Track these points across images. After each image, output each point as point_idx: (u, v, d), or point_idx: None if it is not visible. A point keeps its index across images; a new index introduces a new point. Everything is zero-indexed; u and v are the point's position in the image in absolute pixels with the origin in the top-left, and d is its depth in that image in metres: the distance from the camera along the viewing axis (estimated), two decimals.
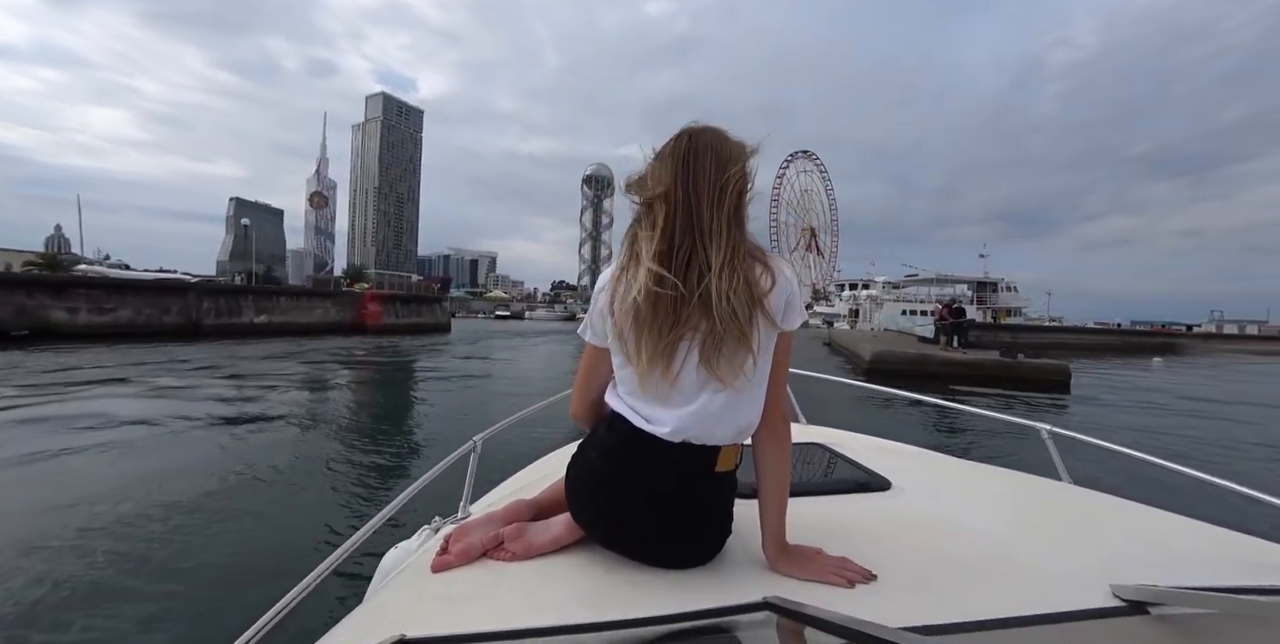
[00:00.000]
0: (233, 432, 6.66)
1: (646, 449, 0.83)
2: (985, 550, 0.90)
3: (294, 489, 4.62)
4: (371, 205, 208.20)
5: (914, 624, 0.63)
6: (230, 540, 3.51)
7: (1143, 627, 0.65)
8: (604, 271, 0.91)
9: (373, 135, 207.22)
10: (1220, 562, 0.89)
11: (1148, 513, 1.13)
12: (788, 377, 0.93)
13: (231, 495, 4.35)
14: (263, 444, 6.12)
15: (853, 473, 1.31)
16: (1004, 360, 14.69)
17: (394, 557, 1.15)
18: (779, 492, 0.86)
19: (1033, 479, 1.39)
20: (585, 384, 0.96)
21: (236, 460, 5.29)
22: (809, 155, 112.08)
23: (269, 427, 7.06)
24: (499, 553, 0.89)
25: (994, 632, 0.63)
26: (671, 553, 0.84)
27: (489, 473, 1.45)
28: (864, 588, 0.77)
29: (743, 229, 0.82)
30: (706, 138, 0.82)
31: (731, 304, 0.76)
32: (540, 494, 1.04)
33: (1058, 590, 0.73)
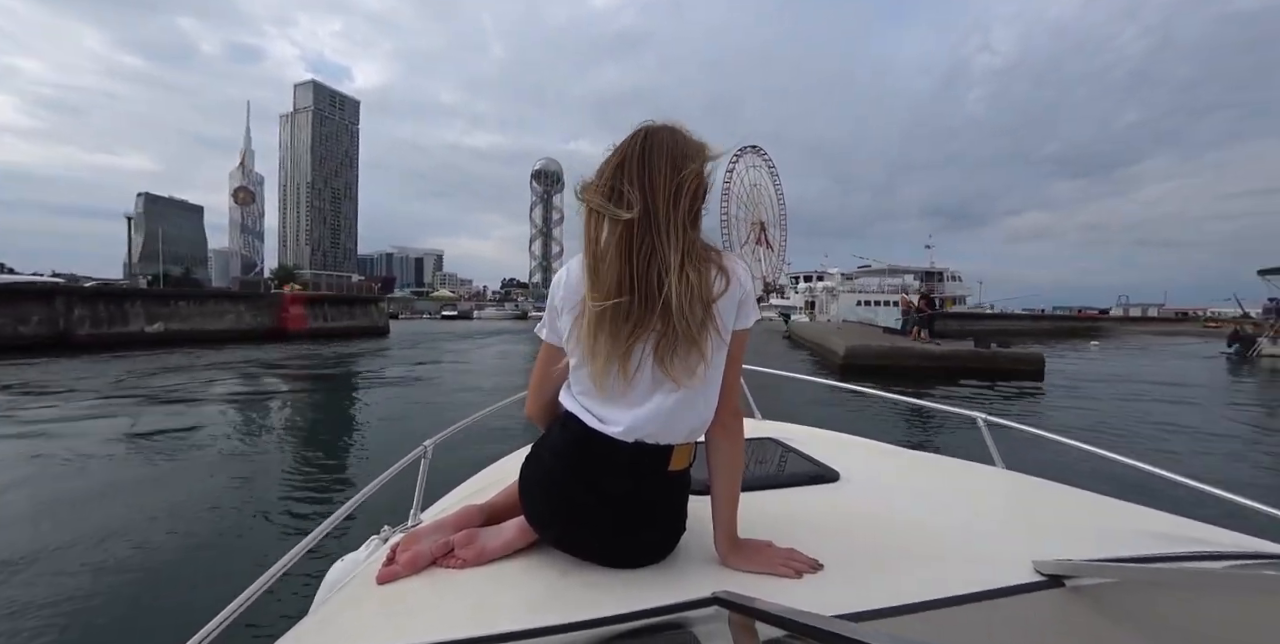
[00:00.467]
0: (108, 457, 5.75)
1: (599, 449, 0.83)
2: (923, 536, 0.95)
3: (220, 513, 4.21)
4: (304, 201, 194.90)
5: (854, 610, 0.67)
6: (153, 570, 3.29)
7: (1059, 598, 0.70)
8: (560, 269, 0.90)
9: (303, 126, 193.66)
10: (1127, 534, 0.96)
11: (1068, 492, 1.23)
12: (741, 373, 0.92)
13: (145, 523, 3.95)
14: (175, 468, 5.51)
15: (804, 466, 1.34)
16: (980, 351, 13.96)
17: (340, 569, 1.11)
18: (731, 487, 0.87)
19: (969, 465, 1.48)
20: (541, 383, 0.94)
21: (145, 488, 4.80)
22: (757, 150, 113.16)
23: (179, 449, 6.23)
24: (449, 560, 0.87)
25: (925, 613, 0.66)
26: (626, 552, 0.84)
27: (441, 479, 1.42)
28: (811, 578, 0.79)
29: (697, 230, 0.81)
30: (663, 136, 0.81)
31: (686, 305, 0.76)
32: (493, 498, 1.02)
33: (986, 570, 0.77)
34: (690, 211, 0.80)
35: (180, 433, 6.94)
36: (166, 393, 10.37)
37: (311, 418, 9.11)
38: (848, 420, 6.36)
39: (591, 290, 0.79)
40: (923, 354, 13.92)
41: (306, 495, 4.71)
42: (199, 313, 23.58)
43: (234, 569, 3.18)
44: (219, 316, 24.28)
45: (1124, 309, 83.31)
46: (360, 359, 18.40)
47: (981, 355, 13.77)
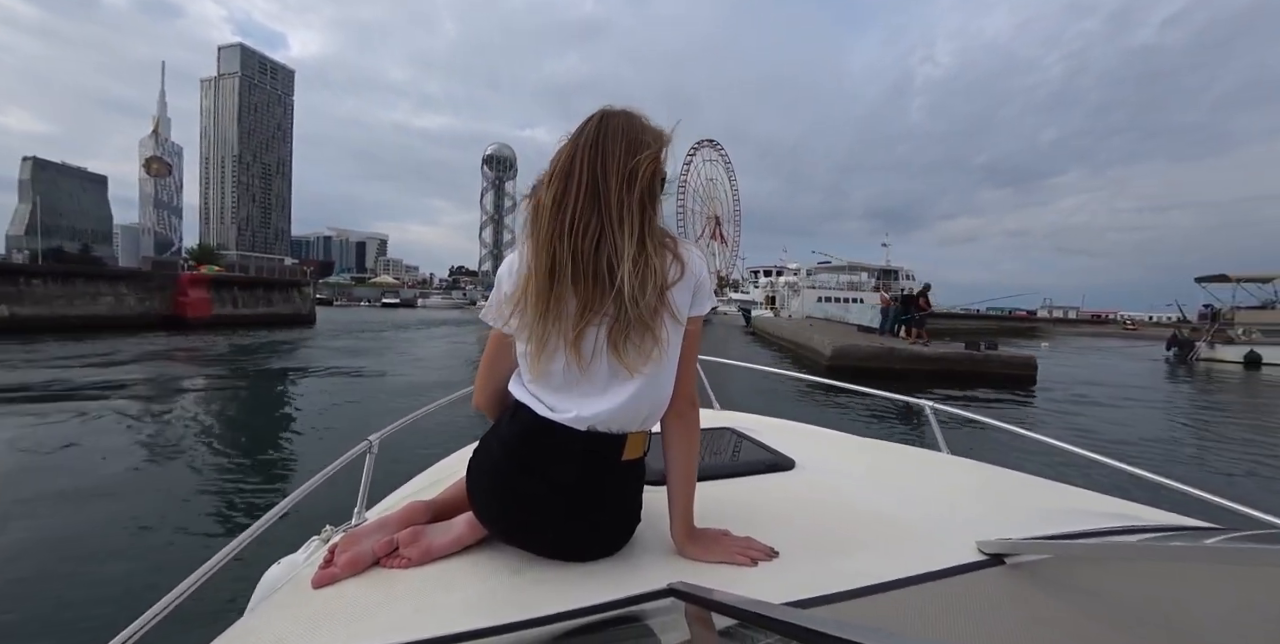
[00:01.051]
0: None
1: (551, 439, 0.80)
2: (875, 520, 0.97)
3: (138, 518, 3.81)
4: (230, 176, 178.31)
5: (809, 596, 0.68)
6: (66, 581, 2.99)
7: (999, 576, 0.73)
8: (509, 255, 0.87)
9: (228, 94, 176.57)
10: (1062, 513, 1.01)
11: (1009, 475, 1.28)
12: (697, 362, 0.91)
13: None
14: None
15: (760, 455, 1.34)
16: (971, 353, 12.90)
17: (276, 573, 1.02)
18: (686, 477, 0.85)
19: (918, 452, 1.53)
20: (489, 373, 0.91)
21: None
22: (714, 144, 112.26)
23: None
24: (393, 560, 0.82)
25: (876, 596, 0.68)
26: (579, 546, 0.82)
27: (389, 476, 1.35)
28: (767, 565, 0.79)
29: (654, 215, 0.80)
30: (620, 120, 0.79)
31: (640, 292, 0.75)
32: (440, 494, 0.97)
33: (933, 551, 0.79)
34: (645, 196, 0.77)
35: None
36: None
37: (232, 419, 7.69)
38: (805, 410, 6.14)
39: (541, 275, 0.76)
40: (913, 356, 12.67)
41: (244, 499, 4.27)
42: (62, 295, 19.07)
43: (156, 580, 2.67)
44: (92, 299, 19.82)
45: (1048, 311, 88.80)
46: (270, 355, 15.11)
47: (973, 358, 12.67)
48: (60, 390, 8.63)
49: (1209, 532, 0.83)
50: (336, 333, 22.65)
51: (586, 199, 0.76)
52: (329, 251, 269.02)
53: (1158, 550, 0.68)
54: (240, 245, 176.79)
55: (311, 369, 12.43)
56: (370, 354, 15.83)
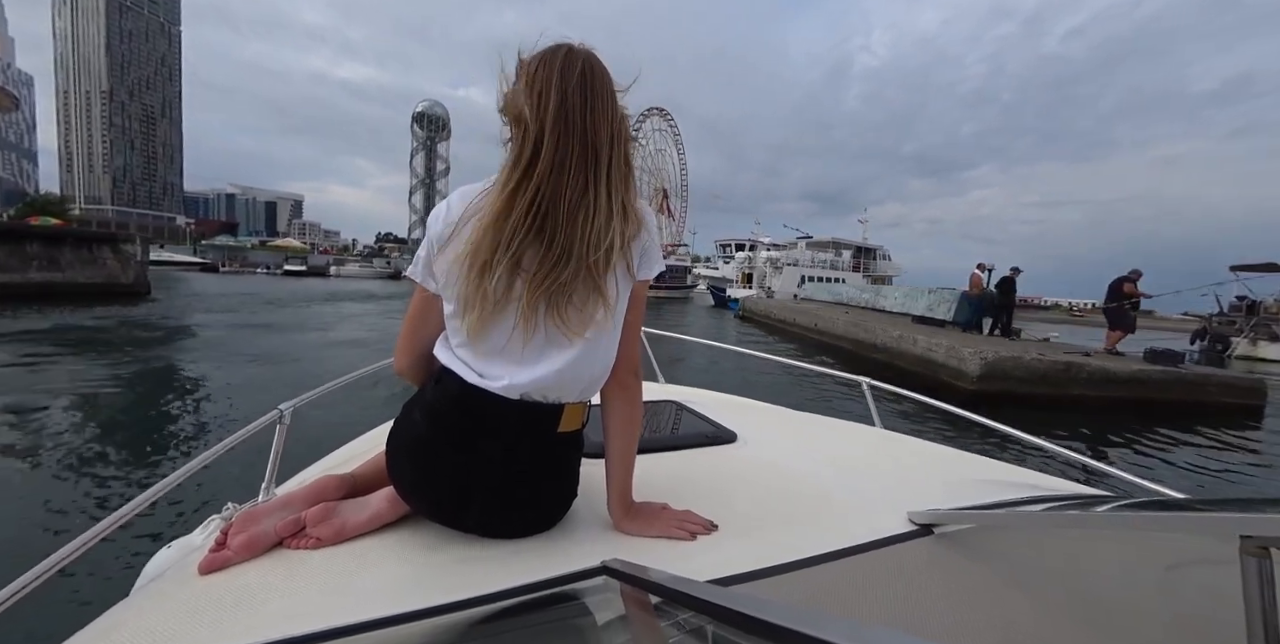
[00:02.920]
0: None
1: (480, 409, 0.72)
2: (811, 493, 0.96)
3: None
4: (99, 116, 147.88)
5: (746, 570, 0.67)
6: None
7: (929, 545, 0.74)
8: (440, 202, 0.77)
9: (93, 14, 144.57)
10: (985, 484, 1.05)
11: (938, 450, 1.31)
12: (641, 331, 0.85)
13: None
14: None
15: (702, 427, 1.32)
16: (1179, 372, 8.18)
17: (167, 556, 0.89)
18: (626, 450, 0.81)
19: (852, 426, 1.53)
20: (412, 335, 0.82)
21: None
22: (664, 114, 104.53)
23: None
24: (299, 541, 0.73)
25: (812, 568, 0.68)
26: (510, 523, 0.76)
27: (304, 451, 1.25)
28: (705, 539, 0.77)
29: (628, 172, 0.73)
30: (599, 65, 0.71)
31: (594, 249, 0.69)
32: (358, 468, 0.88)
33: (867, 523, 0.80)
34: (627, 147, 0.73)
35: None
36: None
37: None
38: (746, 386, 5.29)
39: (490, 225, 0.68)
40: (1102, 375, 7.77)
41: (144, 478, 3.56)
42: None
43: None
44: None
45: None
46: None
47: (1184, 380, 7.95)
48: None
49: (1105, 500, 0.86)
50: (181, 315, 14.44)
51: (575, 151, 0.68)
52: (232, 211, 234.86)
53: (1061, 518, 0.71)
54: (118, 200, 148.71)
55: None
56: (202, 352, 8.58)
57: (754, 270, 33.41)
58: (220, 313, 14.99)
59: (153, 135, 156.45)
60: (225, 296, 21.64)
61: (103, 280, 17.50)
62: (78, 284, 16.66)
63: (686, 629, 0.44)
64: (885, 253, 40.83)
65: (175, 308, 15.77)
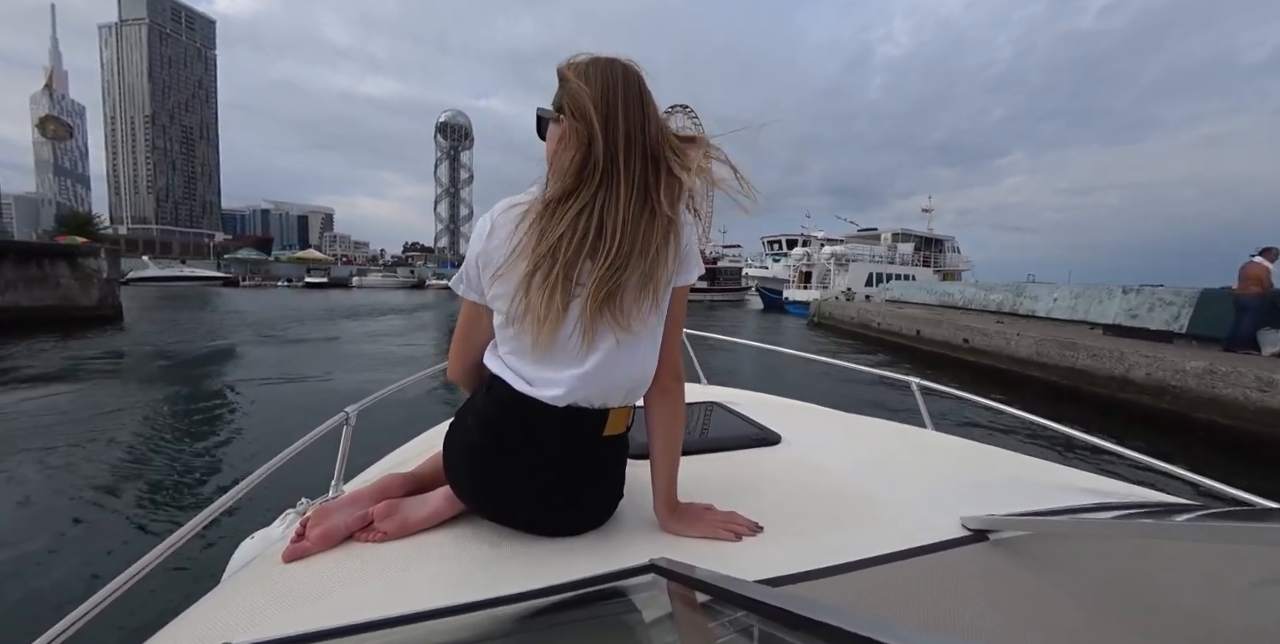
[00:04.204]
0: None
1: (529, 415, 0.74)
2: (858, 495, 0.93)
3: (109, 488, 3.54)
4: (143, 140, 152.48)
5: (792, 572, 0.66)
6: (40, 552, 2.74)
7: (984, 551, 0.71)
8: (483, 217, 0.77)
9: (135, 44, 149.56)
10: (1045, 489, 0.99)
11: (993, 452, 1.24)
12: (682, 334, 0.87)
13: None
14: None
15: (746, 429, 1.30)
16: None
17: (250, 546, 0.97)
18: (670, 452, 0.81)
19: (902, 428, 1.47)
20: (463, 344, 0.84)
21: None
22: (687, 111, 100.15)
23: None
24: (367, 534, 0.78)
25: (860, 571, 0.66)
26: (559, 521, 0.78)
27: (368, 450, 1.32)
28: (750, 541, 0.76)
29: (675, 179, 0.73)
30: (641, 78, 0.73)
31: (643, 256, 0.69)
32: (418, 467, 0.92)
33: (918, 527, 0.77)
34: (672, 154, 0.73)
35: None
36: None
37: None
38: (787, 385, 5.11)
39: (541, 239, 0.68)
40: None
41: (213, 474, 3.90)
42: None
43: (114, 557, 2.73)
44: None
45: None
46: None
47: None
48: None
49: (1183, 508, 0.81)
50: (135, 349, 11.12)
51: (636, 162, 0.69)
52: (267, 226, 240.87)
53: (1133, 527, 0.67)
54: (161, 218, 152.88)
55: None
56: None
57: (813, 268, 28.91)
58: (190, 348, 11.56)
59: (192, 156, 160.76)
60: (221, 318, 18.52)
61: (54, 303, 14.31)
62: (19, 309, 13.49)
63: (734, 628, 0.44)
64: (955, 244, 35.59)
65: (133, 341, 12.48)
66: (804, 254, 29.63)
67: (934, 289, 17.77)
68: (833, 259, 27.57)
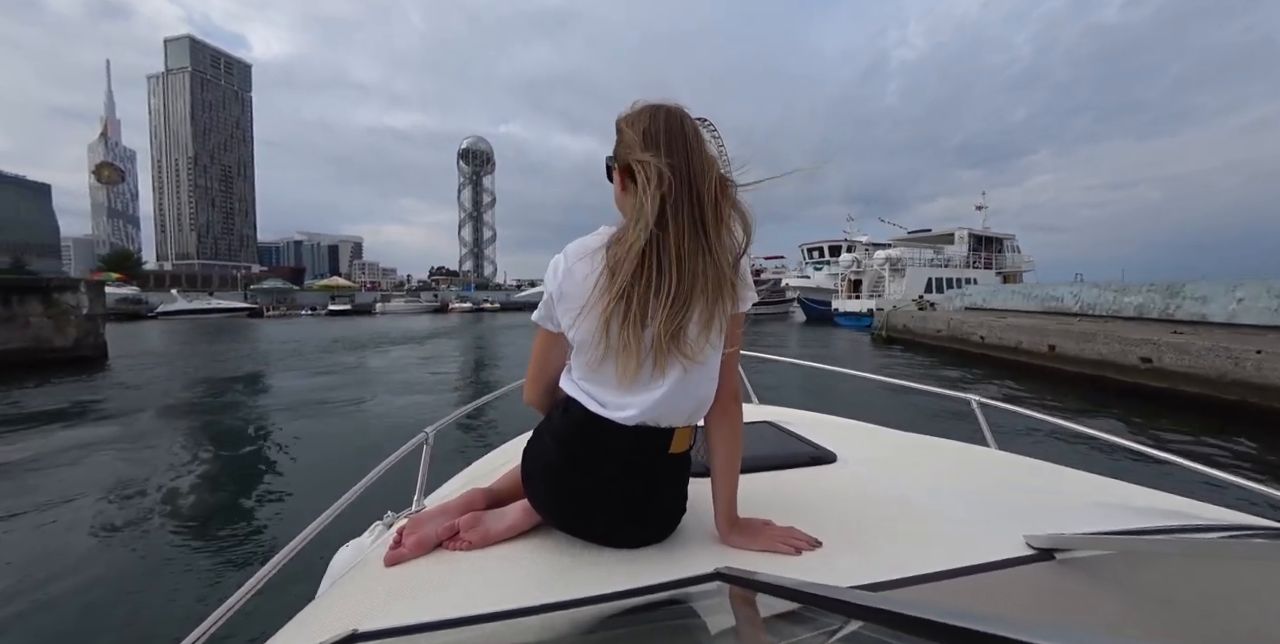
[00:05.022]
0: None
1: (602, 435, 0.80)
2: (917, 513, 0.94)
3: (228, 498, 4.10)
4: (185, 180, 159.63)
5: (853, 585, 0.67)
6: (171, 550, 3.22)
7: (1050, 571, 0.70)
8: (558, 255, 0.83)
9: (179, 91, 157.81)
10: (1116, 510, 0.96)
11: (1058, 471, 1.22)
12: (739, 357, 0.90)
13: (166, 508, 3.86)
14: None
15: (801, 448, 1.31)
16: None
17: (345, 554, 1.09)
18: (731, 468, 0.85)
19: (962, 446, 1.44)
20: (539, 371, 0.90)
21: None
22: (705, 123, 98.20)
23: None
24: (455, 543, 0.85)
25: (920, 586, 0.66)
26: (628, 534, 0.83)
27: (443, 465, 1.37)
28: (810, 555, 0.78)
29: (726, 213, 0.79)
30: (689, 120, 0.79)
31: (706, 289, 0.75)
32: (496, 482, 1.00)
33: (980, 545, 0.77)
34: (725, 189, 0.77)
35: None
36: None
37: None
38: (843, 406, 4.34)
39: (612, 277, 0.75)
40: None
41: (307, 489, 4.23)
42: None
43: (240, 556, 3.10)
44: None
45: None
46: None
47: None
48: None
49: (1272, 532, 0.76)
50: (94, 405, 9.29)
51: (685, 201, 0.74)
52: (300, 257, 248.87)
53: (1223, 549, 0.63)
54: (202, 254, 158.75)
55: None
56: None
57: (863, 275, 26.08)
58: (182, 395, 9.43)
59: (230, 193, 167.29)
60: (223, 354, 16.86)
61: (23, 345, 12.68)
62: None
63: (813, 630, 0.45)
64: (1015, 243, 32.12)
65: (108, 387, 10.64)
66: (852, 260, 26.67)
67: (1031, 293, 14.76)
68: (887, 264, 24.62)
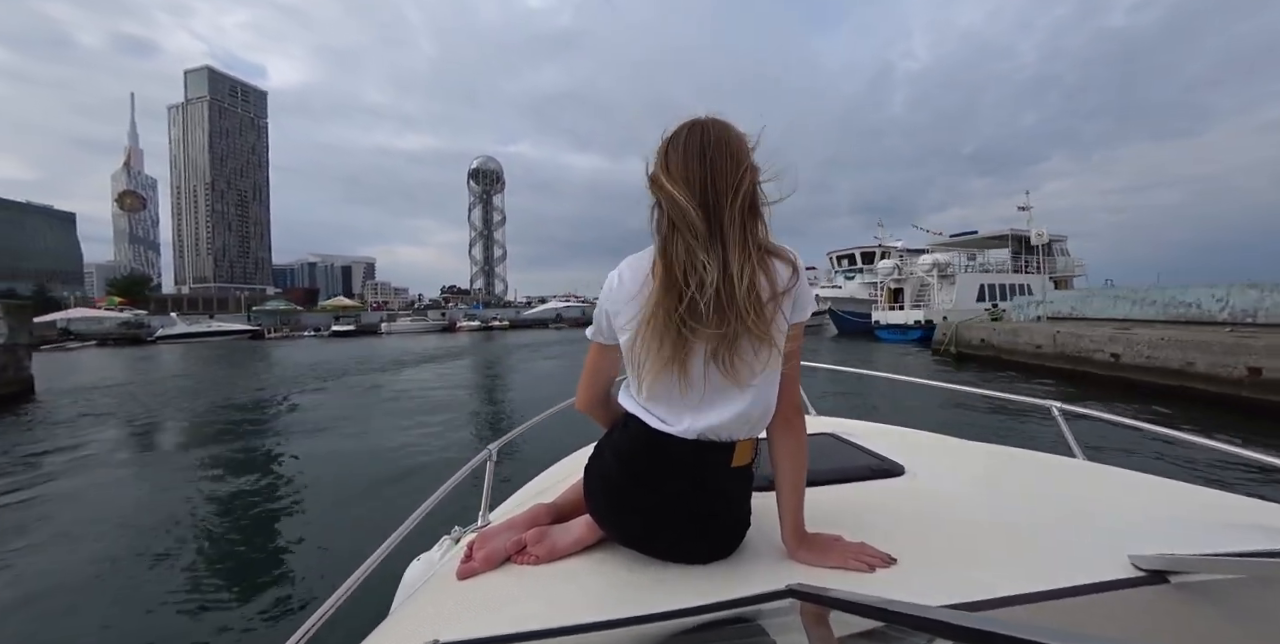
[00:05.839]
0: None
1: (663, 449, 0.80)
2: (1001, 530, 0.87)
3: (300, 519, 4.19)
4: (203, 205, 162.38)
5: (937, 604, 0.60)
6: (247, 572, 3.34)
7: (1164, 595, 0.62)
8: (612, 272, 0.85)
9: (198, 120, 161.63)
10: (1236, 527, 0.85)
11: (1161, 483, 1.10)
12: (799, 368, 0.88)
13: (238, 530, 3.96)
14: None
15: (865, 460, 1.26)
16: None
17: (417, 568, 1.13)
18: (796, 482, 0.83)
19: (1045, 457, 1.34)
20: (591, 380, 0.91)
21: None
22: None
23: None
24: (522, 557, 0.86)
25: (1016, 608, 0.60)
26: (692, 549, 0.82)
27: (506, 480, 1.37)
28: (885, 572, 0.74)
29: (759, 223, 0.77)
30: (718, 131, 0.77)
31: (753, 302, 0.73)
32: (559, 497, 1.00)
33: (1076, 564, 0.70)
34: (753, 205, 0.76)
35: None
36: None
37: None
38: (906, 416, 4.77)
39: (660, 292, 0.75)
40: None
41: (378, 504, 4.34)
42: None
43: (310, 574, 3.19)
44: None
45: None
46: None
47: None
48: None
49: None
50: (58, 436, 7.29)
51: (701, 214, 0.73)
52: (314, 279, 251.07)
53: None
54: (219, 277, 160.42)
55: None
56: None
57: (905, 283, 23.43)
58: (107, 435, 7.31)
59: (246, 217, 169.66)
60: (175, 386, 14.70)
61: None
62: None
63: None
64: (1065, 246, 29.20)
65: (18, 428, 8.42)
66: (893, 267, 23.80)
67: (1145, 297, 11.92)
68: (935, 270, 21.91)
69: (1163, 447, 1.65)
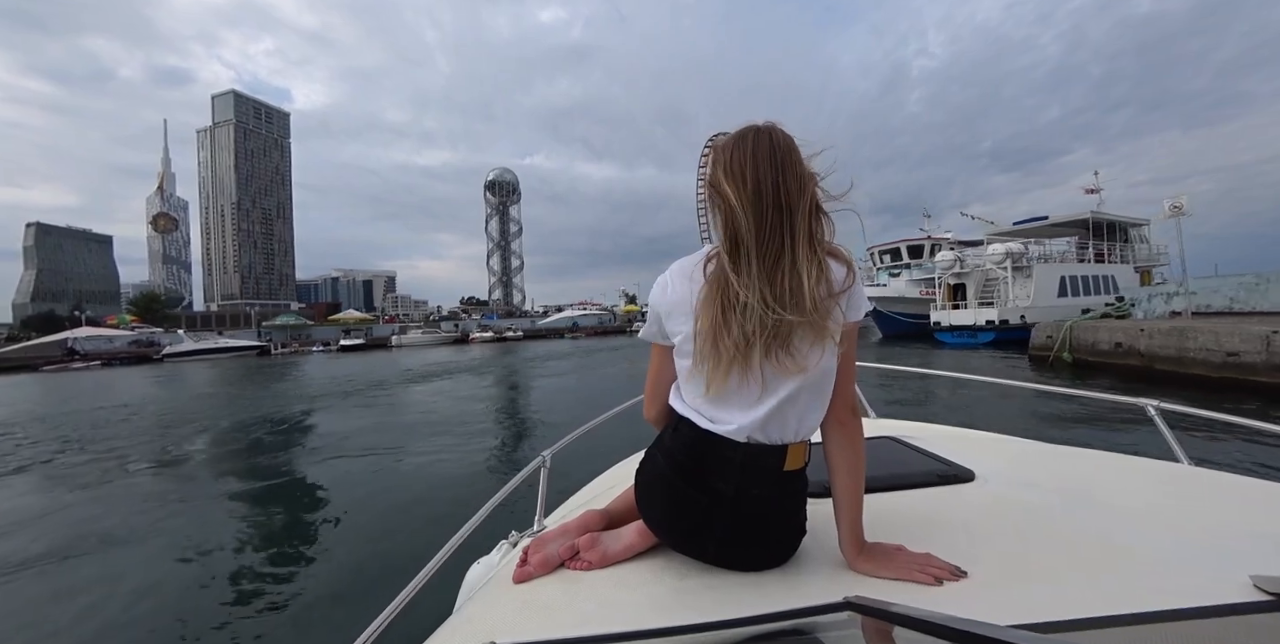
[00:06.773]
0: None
1: (714, 451, 0.79)
2: (1091, 541, 0.79)
3: (359, 524, 4.28)
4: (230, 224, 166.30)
5: (1013, 622, 0.54)
6: (318, 571, 3.46)
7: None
8: (662, 275, 0.85)
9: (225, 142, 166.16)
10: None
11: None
12: (855, 369, 0.85)
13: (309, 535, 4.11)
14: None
15: (930, 465, 1.18)
16: None
17: (477, 571, 1.15)
18: (853, 488, 0.80)
19: (1143, 461, 1.22)
20: (656, 386, 0.91)
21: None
22: None
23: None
24: (576, 563, 0.87)
25: (1112, 630, 0.53)
26: (745, 556, 0.80)
27: (560, 486, 1.40)
28: (953, 585, 0.69)
29: (823, 224, 0.77)
30: (783, 137, 0.77)
31: (813, 301, 0.73)
32: (611, 503, 1.00)
33: (1185, 583, 0.63)
34: (817, 206, 0.77)
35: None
36: None
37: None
38: (976, 416, 4.65)
39: (711, 295, 0.76)
40: None
41: (440, 507, 4.50)
42: None
43: (377, 573, 3.29)
44: None
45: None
46: None
47: None
48: None
49: None
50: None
51: (770, 215, 0.73)
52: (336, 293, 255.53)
53: None
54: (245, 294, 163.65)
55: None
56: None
57: (967, 277, 20.18)
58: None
59: (270, 235, 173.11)
60: (119, 414, 12.56)
61: None
62: None
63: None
64: (1145, 232, 25.35)
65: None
66: (954, 260, 20.19)
67: None
68: (1008, 260, 18.53)
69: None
